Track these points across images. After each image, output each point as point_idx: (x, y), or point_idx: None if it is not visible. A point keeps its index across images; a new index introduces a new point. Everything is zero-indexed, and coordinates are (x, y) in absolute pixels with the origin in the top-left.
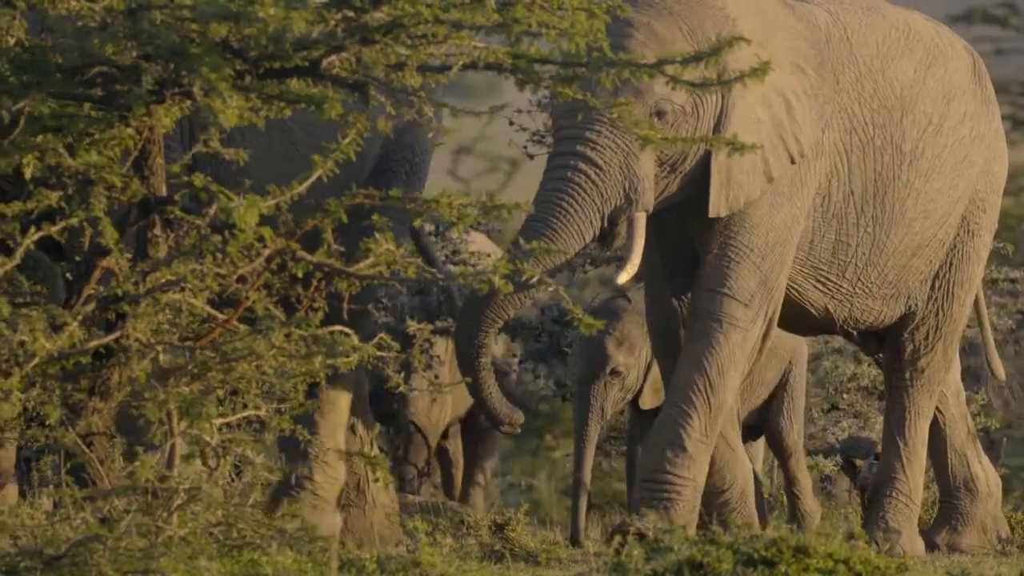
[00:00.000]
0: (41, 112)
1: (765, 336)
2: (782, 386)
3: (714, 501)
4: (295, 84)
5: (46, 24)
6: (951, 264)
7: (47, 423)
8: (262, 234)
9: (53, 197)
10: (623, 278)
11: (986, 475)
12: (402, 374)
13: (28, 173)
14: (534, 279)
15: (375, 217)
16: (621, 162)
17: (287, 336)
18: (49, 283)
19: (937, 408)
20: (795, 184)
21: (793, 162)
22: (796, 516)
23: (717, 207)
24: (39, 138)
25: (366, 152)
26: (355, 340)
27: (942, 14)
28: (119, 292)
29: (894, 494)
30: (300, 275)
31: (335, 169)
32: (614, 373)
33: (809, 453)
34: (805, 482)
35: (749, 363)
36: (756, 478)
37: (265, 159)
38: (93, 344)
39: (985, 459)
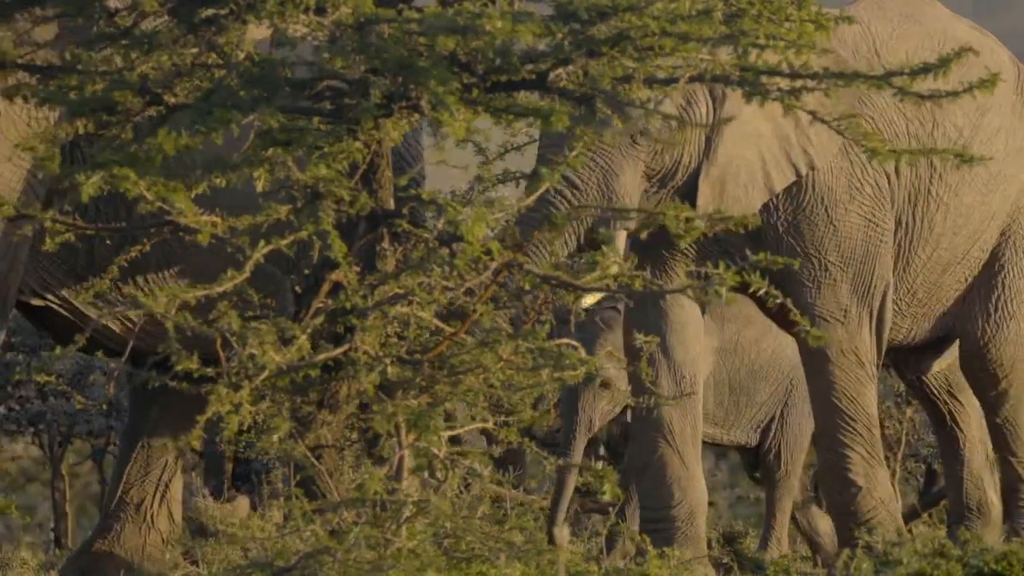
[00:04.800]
0: (271, 126)
1: (879, 330)
2: (781, 413)
3: (661, 516)
4: (522, 97)
5: (276, 39)
6: (1004, 286)
7: (277, 436)
8: (489, 247)
9: (283, 211)
10: (589, 300)
11: (999, 504)
12: (629, 387)
13: (259, 187)
14: (761, 291)
15: (601, 231)
16: (599, 181)
17: (514, 349)
18: (279, 296)
19: (958, 426)
20: (852, 187)
21: (799, 175)
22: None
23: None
24: (269, 152)
25: None
26: (582, 353)
27: None
28: (348, 305)
29: (1022, 503)
30: (527, 288)
31: (560, 182)
32: (604, 385)
33: None
34: (782, 519)
35: (875, 360)
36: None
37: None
38: (322, 357)
39: (998, 489)
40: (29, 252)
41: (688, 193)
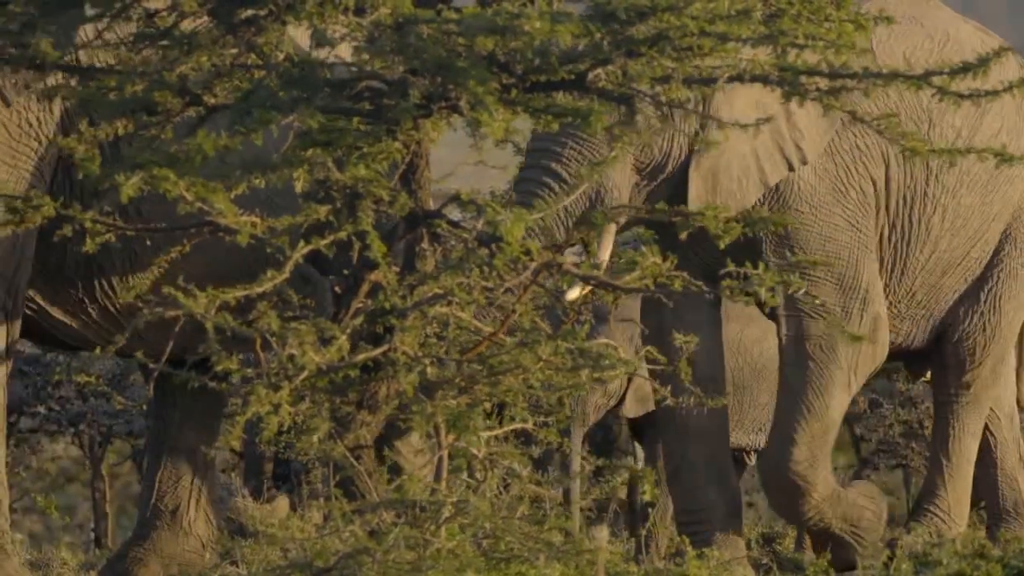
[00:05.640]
0: (310, 126)
1: (876, 334)
2: None
3: (697, 519)
4: (561, 97)
5: (314, 39)
6: (998, 279)
7: (316, 436)
8: (528, 247)
9: (322, 211)
10: (575, 292)
11: None
12: (668, 387)
13: (298, 187)
14: (801, 291)
15: (640, 231)
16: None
17: (554, 349)
18: (318, 297)
19: (989, 430)
20: (837, 190)
21: (792, 169)
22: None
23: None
24: (308, 152)
25: None
26: (620, 353)
27: None
28: (387, 305)
29: (934, 510)
30: (565, 288)
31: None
32: (596, 379)
33: None
34: None
35: (863, 369)
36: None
37: None
38: (361, 357)
39: None
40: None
41: (679, 186)
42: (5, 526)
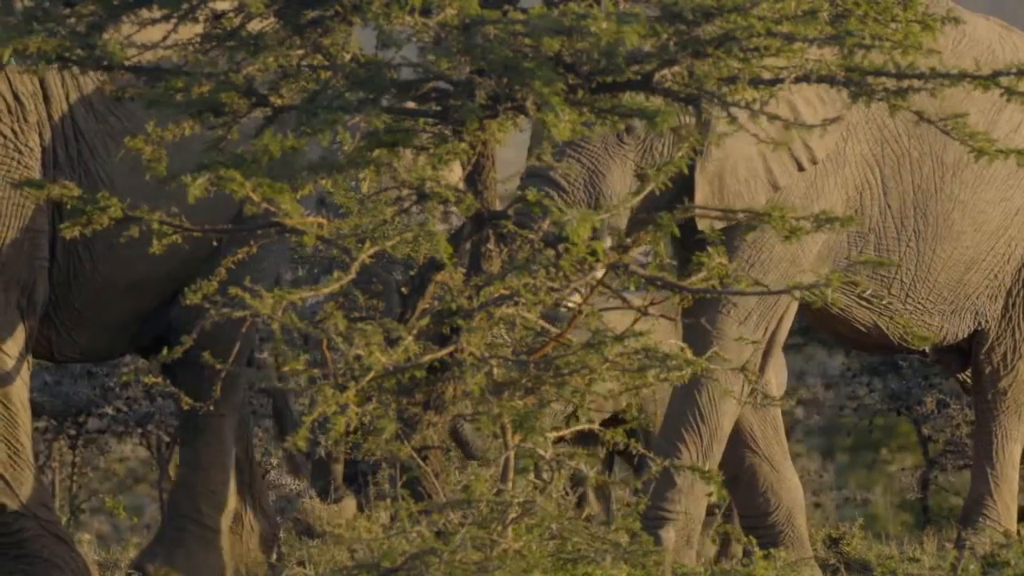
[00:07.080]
0: (376, 127)
1: (767, 353)
2: None
3: (761, 524)
4: (627, 98)
5: (380, 40)
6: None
7: (383, 437)
8: (595, 248)
9: (388, 212)
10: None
11: None
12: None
13: (364, 187)
14: (867, 292)
15: (707, 230)
16: (586, 180)
17: (620, 350)
18: (384, 297)
19: None
20: (808, 196)
21: (802, 168)
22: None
23: (708, 219)
24: (374, 153)
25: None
26: (688, 354)
27: None
28: (453, 306)
29: (983, 520)
30: (633, 289)
31: (667, 185)
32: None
33: None
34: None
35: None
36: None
37: (132, 172)
38: (428, 358)
39: None
40: None
41: (682, 190)
42: (52, 516)
